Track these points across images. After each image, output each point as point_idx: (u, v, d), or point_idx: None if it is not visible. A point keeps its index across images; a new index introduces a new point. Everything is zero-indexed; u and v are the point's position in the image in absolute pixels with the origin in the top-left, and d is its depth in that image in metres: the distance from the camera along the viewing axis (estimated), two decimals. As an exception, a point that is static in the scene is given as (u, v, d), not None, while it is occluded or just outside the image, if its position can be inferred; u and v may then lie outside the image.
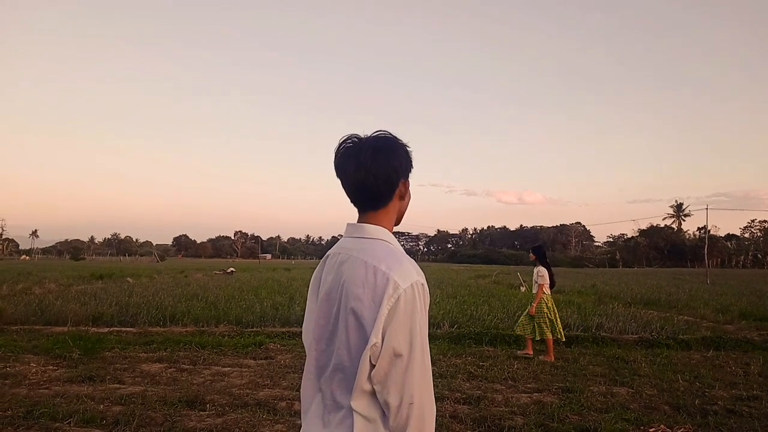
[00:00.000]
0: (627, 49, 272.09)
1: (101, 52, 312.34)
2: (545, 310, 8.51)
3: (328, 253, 1.63)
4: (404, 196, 1.61)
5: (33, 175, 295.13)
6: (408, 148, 1.59)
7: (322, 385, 1.53)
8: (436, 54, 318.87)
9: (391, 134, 1.58)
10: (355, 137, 1.56)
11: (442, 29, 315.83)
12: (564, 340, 8.84)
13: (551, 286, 8.69)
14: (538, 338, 8.51)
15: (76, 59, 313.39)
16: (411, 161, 1.60)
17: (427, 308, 1.45)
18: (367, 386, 1.39)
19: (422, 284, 1.42)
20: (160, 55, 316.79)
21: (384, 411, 1.40)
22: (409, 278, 1.39)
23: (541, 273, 8.59)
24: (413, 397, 1.36)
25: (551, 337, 8.45)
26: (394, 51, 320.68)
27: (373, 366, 1.37)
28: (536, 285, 8.62)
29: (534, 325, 8.52)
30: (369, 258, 1.45)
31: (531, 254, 8.99)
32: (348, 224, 1.61)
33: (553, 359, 8.33)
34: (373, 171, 1.50)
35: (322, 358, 1.54)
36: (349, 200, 1.60)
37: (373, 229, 1.54)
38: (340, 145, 1.57)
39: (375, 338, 1.35)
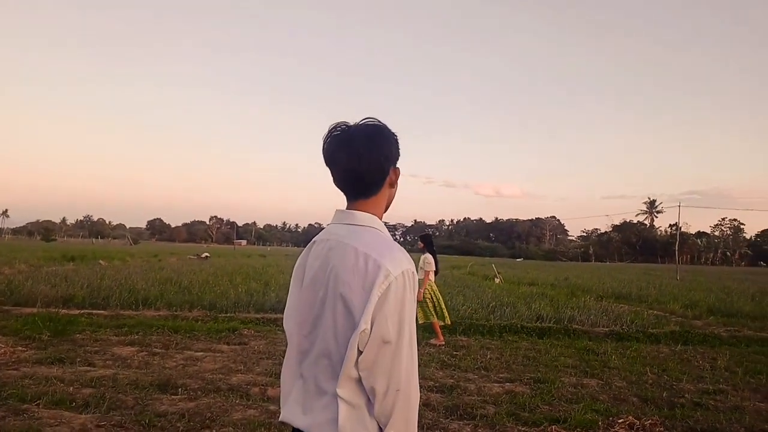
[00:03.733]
0: (603, 46, 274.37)
1: (78, 29, 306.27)
2: (428, 296, 8.77)
3: (314, 239, 1.61)
4: (394, 183, 1.62)
5: (3, 153, 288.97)
6: (396, 137, 1.59)
7: (303, 371, 1.52)
8: (416, 45, 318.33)
9: (380, 122, 1.58)
10: (344, 125, 1.55)
11: (424, 22, 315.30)
12: (450, 324, 9.09)
13: (435, 273, 8.96)
14: (421, 322, 8.72)
15: (51, 36, 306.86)
16: (399, 149, 1.60)
17: (416, 296, 1.46)
18: (354, 373, 1.39)
19: (412, 272, 1.43)
20: (139, 39, 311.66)
21: (369, 397, 1.40)
22: (401, 266, 1.40)
23: (428, 260, 8.82)
24: (400, 384, 1.37)
25: (436, 321, 8.77)
26: (374, 42, 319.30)
27: (360, 352, 1.37)
28: (422, 271, 8.80)
29: (423, 311, 8.77)
30: (359, 245, 1.44)
31: (419, 242, 9.30)
32: (337, 210, 1.60)
33: (442, 341, 8.68)
34: (366, 159, 1.50)
35: (304, 343, 1.53)
36: (337, 188, 1.59)
37: (363, 216, 1.53)
38: (329, 133, 1.55)
39: (364, 324, 1.35)
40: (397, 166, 1.60)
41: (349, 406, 1.40)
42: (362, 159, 1.50)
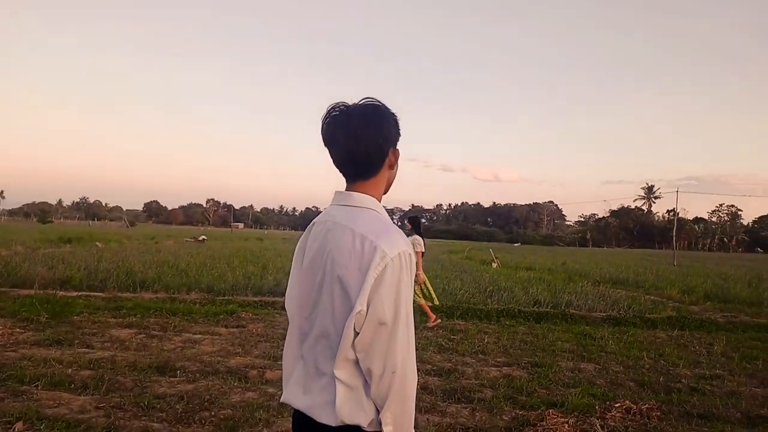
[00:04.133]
0: (601, 31, 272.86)
1: (76, 11, 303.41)
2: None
3: (314, 221, 1.60)
4: (393, 165, 1.60)
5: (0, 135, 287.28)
6: (396, 117, 1.57)
7: (304, 353, 1.52)
8: (415, 30, 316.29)
9: (380, 102, 1.55)
10: (343, 105, 1.53)
11: (424, 6, 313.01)
12: (438, 303, 9.25)
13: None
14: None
15: (48, 19, 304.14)
16: (399, 130, 1.58)
17: (413, 278, 1.45)
18: (351, 354, 1.39)
19: (409, 254, 1.42)
20: (136, 22, 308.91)
21: (366, 379, 1.39)
22: (397, 248, 1.39)
23: (419, 241, 8.84)
24: (396, 366, 1.37)
25: (424, 302, 8.85)
26: (373, 27, 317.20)
27: (357, 334, 1.37)
28: (415, 254, 8.79)
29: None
30: (356, 226, 1.43)
31: (407, 224, 9.31)
32: (336, 192, 1.58)
33: (436, 319, 8.74)
34: (365, 140, 1.48)
35: (304, 325, 1.53)
36: (336, 169, 1.57)
37: (361, 198, 1.52)
38: (327, 113, 1.53)
39: (360, 306, 1.35)
40: (397, 147, 1.59)
41: (347, 387, 1.41)
42: (360, 139, 1.48)
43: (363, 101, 1.54)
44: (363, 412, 1.41)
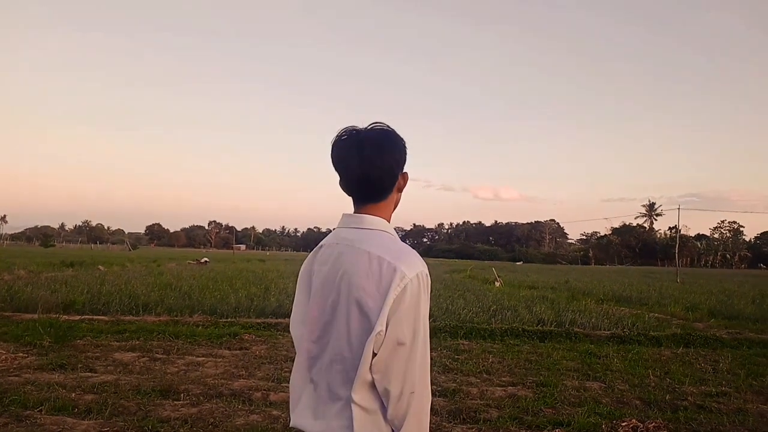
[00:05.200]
0: (603, 47, 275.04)
1: (75, 34, 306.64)
2: None
3: (322, 243, 1.61)
4: (402, 188, 1.62)
5: (1, 159, 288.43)
6: (405, 142, 1.59)
7: (314, 377, 1.51)
8: (415, 48, 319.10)
9: (390, 127, 1.58)
10: (354, 129, 1.55)
11: (424, 17, 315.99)
12: None
13: None
14: None
15: (48, 41, 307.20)
16: (407, 154, 1.60)
17: (429, 298, 1.46)
18: (369, 376, 1.38)
19: (426, 275, 1.44)
20: (137, 42, 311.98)
21: (383, 402, 1.40)
22: (415, 268, 1.41)
23: None
24: (414, 386, 1.37)
25: None
26: (376, 38, 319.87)
27: (374, 355, 1.37)
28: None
29: None
30: (372, 248, 1.44)
31: None
32: (344, 215, 1.59)
33: None
34: (377, 165, 1.50)
35: (313, 349, 1.52)
36: (342, 191, 1.59)
37: (374, 220, 1.53)
38: (338, 137, 1.55)
39: (380, 327, 1.35)
40: (405, 171, 1.61)
41: (364, 411, 1.40)
42: (374, 164, 1.50)
43: (374, 126, 1.56)
44: None
